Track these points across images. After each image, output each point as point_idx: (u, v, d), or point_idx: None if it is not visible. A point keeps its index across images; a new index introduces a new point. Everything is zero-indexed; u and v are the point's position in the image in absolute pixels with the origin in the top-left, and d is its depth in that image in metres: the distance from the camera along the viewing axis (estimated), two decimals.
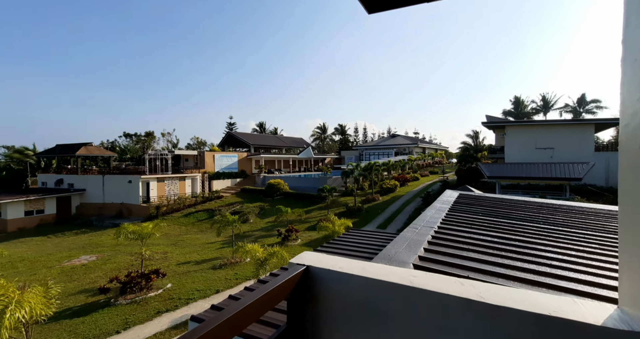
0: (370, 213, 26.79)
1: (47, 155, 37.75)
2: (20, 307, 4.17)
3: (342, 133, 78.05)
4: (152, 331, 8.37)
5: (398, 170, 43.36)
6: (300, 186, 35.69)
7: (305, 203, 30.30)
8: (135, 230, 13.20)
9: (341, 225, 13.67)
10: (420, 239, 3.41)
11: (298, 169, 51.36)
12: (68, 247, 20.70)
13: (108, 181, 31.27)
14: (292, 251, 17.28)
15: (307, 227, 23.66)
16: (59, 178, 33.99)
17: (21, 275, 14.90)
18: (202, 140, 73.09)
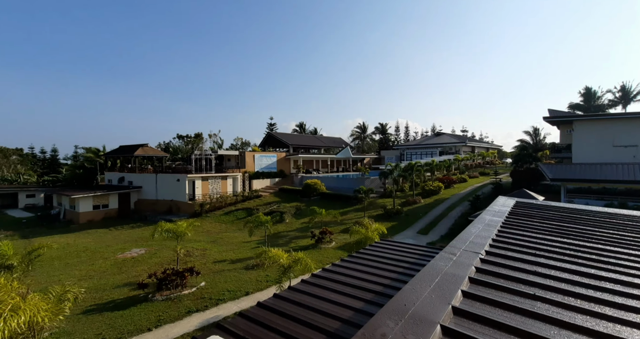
0: (410, 217, 25.18)
1: (112, 155, 42.28)
2: (17, 315, 4.21)
3: (382, 132, 75.65)
4: (180, 332, 8.48)
5: (443, 170, 40.44)
6: (337, 187, 35.09)
7: (341, 204, 29.62)
8: (170, 228, 13.80)
9: (375, 230, 12.76)
10: (457, 273, 2.57)
11: (336, 169, 50.82)
12: (124, 240, 22.72)
13: (160, 179, 33.89)
14: (325, 254, 16.78)
15: (343, 229, 22.96)
16: (121, 176, 37.80)
17: (82, 264, 16.60)
18: (245, 140, 76.41)
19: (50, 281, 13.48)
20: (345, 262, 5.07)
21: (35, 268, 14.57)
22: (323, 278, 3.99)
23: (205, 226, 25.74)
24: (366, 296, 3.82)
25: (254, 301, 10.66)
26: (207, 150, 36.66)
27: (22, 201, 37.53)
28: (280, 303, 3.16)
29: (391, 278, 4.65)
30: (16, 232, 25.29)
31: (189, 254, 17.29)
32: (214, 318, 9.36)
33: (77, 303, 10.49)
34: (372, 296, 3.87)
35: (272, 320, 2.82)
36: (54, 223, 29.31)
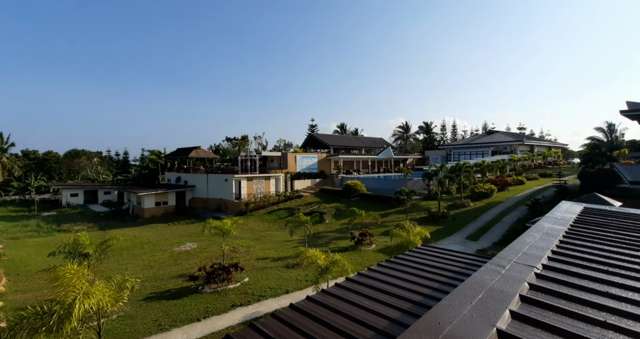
0: (457, 221, 23.59)
1: (171, 156, 46.68)
2: (88, 299, 4.82)
3: (426, 131, 72.16)
4: (225, 324, 9.00)
5: (495, 172, 37.17)
6: (378, 188, 34.32)
7: (382, 206, 28.88)
8: (217, 225, 14.72)
9: (417, 234, 12.17)
10: (506, 289, 2.30)
11: (377, 170, 49.76)
12: (179, 234, 24.91)
13: (211, 179, 36.48)
14: (365, 256, 16.49)
15: (383, 232, 22.35)
16: (178, 176, 41.52)
17: (145, 254, 18.58)
18: (287, 141, 78.74)
19: (119, 269, 15.32)
20: (382, 267, 4.90)
21: (108, 257, 16.69)
22: (358, 283, 3.90)
23: (249, 225, 27.06)
24: (404, 306, 3.64)
25: (293, 299, 10.89)
26: (252, 152, 38.51)
27: (100, 197, 43.30)
28: (312, 306, 3.15)
29: (432, 288, 4.37)
30: (95, 224, 29.26)
31: (235, 250, 18.31)
32: (256, 313, 9.76)
33: (138, 290, 11.77)
34: (410, 307, 3.68)
35: (303, 324, 2.83)
36: (124, 217, 33.30)
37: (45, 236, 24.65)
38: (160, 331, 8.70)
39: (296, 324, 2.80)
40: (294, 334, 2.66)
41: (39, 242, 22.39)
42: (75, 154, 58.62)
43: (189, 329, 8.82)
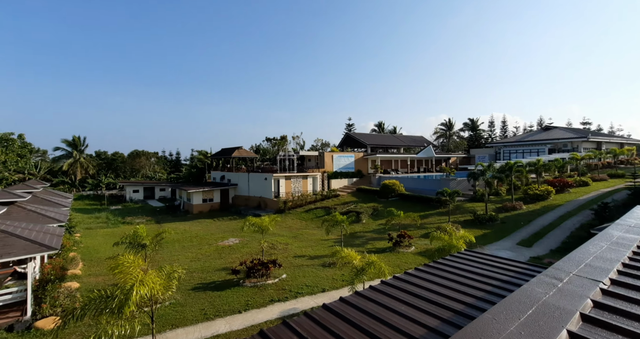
0: (507, 225, 21.73)
1: (216, 156, 49.77)
2: (142, 286, 5.32)
3: (472, 128, 67.54)
4: (263, 318, 9.36)
5: (553, 172, 33.50)
6: (418, 188, 32.97)
7: (421, 207, 27.70)
8: (256, 222, 15.33)
9: (461, 237, 11.43)
10: (563, 305, 2.05)
11: (416, 169, 47.82)
12: (223, 230, 26.46)
13: (251, 178, 38.17)
14: (403, 259, 15.96)
15: (423, 234, 21.44)
16: (222, 175, 44.13)
17: (193, 247, 20.07)
18: (324, 141, 79.26)
19: (171, 260, 16.76)
20: (420, 271, 4.69)
21: (162, 248, 18.36)
22: (393, 287, 3.78)
23: (287, 222, 27.78)
24: (442, 314, 3.44)
25: (329, 298, 10.95)
26: (290, 151, 39.43)
27: (157, 193, 47.76)
28: (345, 307, 3.12)
29: (476, 297, 4.07)
30: (152, 218, 32.36)
31: (273, 247, 18.93)
32: (293, 310, 9.99)
33: (187, 280, 12.75)
34: (449, 315, 3.47)
35: (335, 325, 2.81)
36: (176, 212, 36.34)
37: (112, 227, 27.89)
38: (206, 320, 9.34)
39: (328, 325, 2.80)
40: (326, 334, 2.67)
41: (108, 232, 25.39)
42: (136, 155, 65.43)
43: (231, 320, 9.33)
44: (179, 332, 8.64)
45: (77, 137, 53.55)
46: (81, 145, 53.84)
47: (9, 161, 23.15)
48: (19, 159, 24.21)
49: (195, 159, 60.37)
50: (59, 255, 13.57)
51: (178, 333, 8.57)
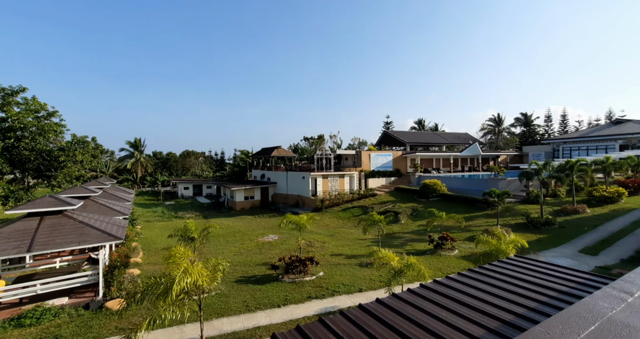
0: (568, 230, 19.55)
1: (256, 156, 51.93)
2: (187, 276, 5.78)
3: (525, 124, 61.72)
4: (301, 314, 9.61)
5: (625, 171, 29.27)
6: (462, 188, 31.09)
7: (466, 208, 26.08)
8: (293, 219, 15.69)
9: (511, 242, 10.53)
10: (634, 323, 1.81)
11: (460, 168, 45.10)
12: (263, 226, 27.58)
13: (290, 176, 39.19)
14: (446, 262, 15.20)
15: (468, 237, 20.20)
16: (262, 174, 45.95)
17: (236, 242, 21.24)
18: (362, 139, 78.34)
19: (216, 253, 17.94)
20: (463, 277, 4.44)
21: (209, 241, 19.73)
22: (433, 291, 3.64)
23: (324, 221, 28.03)
24: (489, 324, 3.24)
25: (366, 298, 10.86)
26: (327, 150, 39.67)
27: (204, 190, 51.34)
28: (382, 309, 3.09)
29: (527, 307, 3.76)
30: (200, 213, 34.90)
31: (311, 245, 19.25)
32: (330, 307, 10.10)
33: (230, 273, 13.53)
34: (497, 325, 3.26)
35: (370, 325, 2.81)
36: (221, 209, 38.74)
37: (167, 221, 30.65)
38: (248, 311, 9.86)
39: (364, 325, 2.81)
40: (361, 334, 2.68)
41: (163, 225, 27.99)
42: (187, 154, 71.04)
43: (271, 313, 9.74)
44: (224, 321, 9.25)
45: (138, 138, 59.71)
46: (141, 146, 59.93)
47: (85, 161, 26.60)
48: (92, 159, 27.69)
49: (238, 158, 63.73)
50: (124, 245, 15.29)
51: (223, 322, 9.18)
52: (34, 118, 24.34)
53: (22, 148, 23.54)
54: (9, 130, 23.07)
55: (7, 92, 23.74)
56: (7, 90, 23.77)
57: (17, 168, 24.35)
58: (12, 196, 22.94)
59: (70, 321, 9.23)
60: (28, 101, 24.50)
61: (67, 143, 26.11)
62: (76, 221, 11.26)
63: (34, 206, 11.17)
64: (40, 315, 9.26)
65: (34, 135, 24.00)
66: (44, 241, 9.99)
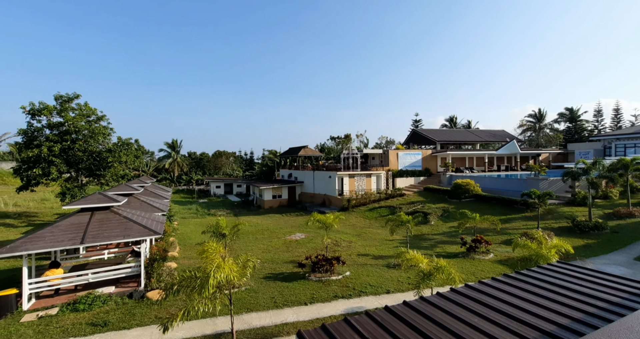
0: (621, 235, 17.77)
1: (284, 155, 52.93)
2: (219, 271, 6.04)
3: (570, 119, 56.81)
4: (328, 313, 9.66)
5: None
6: (497, 189, 29.38)
7: (502, 210, 24.61)
8: (320, 219, 15.78)
9: (553, 247, 9.77)
10: None
11: (496, 167, 42.64)
12: (290, 225, 28.06)
13: (316, 176, 39.46)
14: (479, 266, 14.47)
15: (504, 240, 19.08)
16: (290, 173, 46.72)
17: (265, 239, 21.82)
18: (389, 138, 76.84)
19: (246, 249, 18.57)
20: (498, 282, 4.21)
21: (239, 238, 20.48)
22: (465, 296, 3.49)
23: (351, 220, 27.89)
24: (527, 334, 3.06)
25: (394, 300, 10.66)
26: (354, 149, 39.39)
27: (234, 189, 53.35)
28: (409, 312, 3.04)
29: (572, 318, 3.50)
30: (231, 211, 36.32)
31: (337, 244, 19.27)
32: (357, 308, 10.06)
33: (259, 270, 13.93)
34: (536, 336, 3.06)
35: (397, 328, 2.77)
36: (250, 207, 40.02)
37: (200, 217, 32.29)
38: (276, 308, 10.12)
39: (389, 327, 2.77)
40: (386, 336, 2.65)
41: (197, 222, 29.52)
42: (218, 154, 74.22)
43: (298, 311, 9.91)
44: (253, 316, 9.57)
45: (175, 140, 63.45)
46: (178, 147, 63.63)
47: (129, 161, 28.81)
48: (135, 159, 29.90)
49: (266, 158, 65.39)
50: (162, 239, 16.36)
51: (252, 316, 9.50)
52: (86, 122, 26.80)
53: (76, 149, 26.06)
54: (66, 133, 25.64)
55: (64, 99, 26.40)
56: (64, 97, 26.42)
57: (72, 168, 26.98)
58: (69, 193, 25.49)
59: (116, 309, 10.08)
60: (81, 106, 27.03)
61: (113, 145, 28.46)
62: (121, 216, 12.25)
63: (85, 202, 12.33)
64: (92, 302, 10.21)
65: (86, 138, 26.44)
66: (94, 234, 10.98)
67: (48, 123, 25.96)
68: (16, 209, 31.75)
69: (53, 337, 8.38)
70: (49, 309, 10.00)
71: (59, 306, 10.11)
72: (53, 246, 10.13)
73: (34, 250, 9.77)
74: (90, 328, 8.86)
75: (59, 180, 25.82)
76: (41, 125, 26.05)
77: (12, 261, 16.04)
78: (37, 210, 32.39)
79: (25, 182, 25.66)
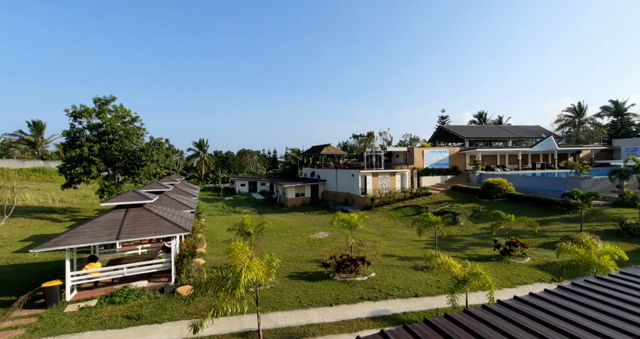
0: None
1: (307, 154, 53.08)
2: (249, 272, 6.00)
3: (616, 113, 52.05)
4: (354, 315, 9.43)
5: None
6: (534, 188, 27.56)
7: (538, 211, 23.03)
8: (344, 218, 15.50)
9: (605, 253, 8.85)
10: None
11: (531, 165, 40.05)
12: (314, 223, 28.03)
13: (339, 174, 39.15)
14: (515, 271, 13.56)
15: (542, 243, 17.81)
16: (312, 171, 46.77)
17: (288, 238, 21.94)
18: (413, 136, 74.78)
19: (270, 248, 18.74)
20: (553, 295, 3.76)
21: (264, 236, 20.71)
22: (515, 310, 3.13)
23: (374, 220, 27.36)
24: None
25: (423, 305, 10.23)
26: (377, 148, 38.64)
27: (259, 187, 54.37)
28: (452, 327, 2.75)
29: None
30: (255, 209, 37.00)
31: (361, 244, 18.92)
32: (383, 311, 9.74)
33: (283, 268, 13.95)
34: None
35: None
36: (273, 205, 40.55)
37: (226, 215, 33.17)
38: (301, 308, 10.04)
39: None
40: None
41: (223, 219, 30.34)
42: (243, 153, 76.06)
43: (323, 311, 9.76)
44: (278, 315, 9.56)
45: (202, 139, 65.78)
46: (205, 146, 65.92)
47: (160, 160, 30.17)
48: (165, 158, 31.29)
49: (289, 156, 65.96)
50: (191, 236, 16.90)
51: (278, 316, 9.49)
52: (122, 123, 28.35)
53: (113, 149, 27.67)
54: (104, 134, 27.28)
55: (102, 102, 28.09)
56: (102, 99, 28.11)
57: (109, 166, 28.71)
58: (106, 190, 27.15)
59: (149, 302, 10.49)
60: (117, 108, 28.64)
61: (146, 145, 29.91)
62: (153, 213, 12.74)
63: (120, 199, 12.95)
64: (127, 295, 10.71)
65: (122, 138, 27.99)
66: (129, 231, 11.50)
67: (88, 124, 27.78)
68: (62, 205, 34.38)
69: (92, 328, 8.85)
70: (89, 301, 10.61)
71: (97, 298, 10.70)
72: (92, 241, 10.72)
73: (75, 244, 10.39)
74: (126, 320, 9.27)
75: (98, 177, 27.59)
76: (82, 127, 27.92)
77: (57, 254, 17.31)
78: (80, 205, 34.87)
79: (69, 180, 27.67)
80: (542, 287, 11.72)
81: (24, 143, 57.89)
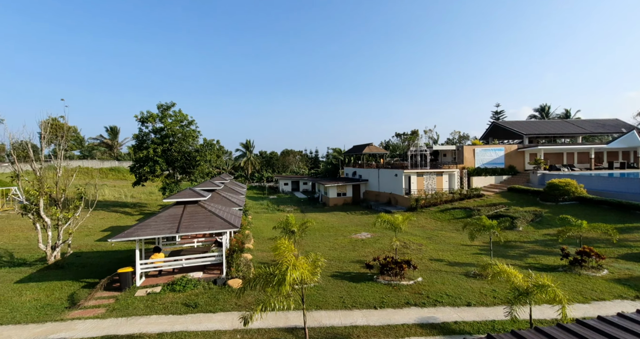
0: None
1: (348, 153, 52.87)
2: (295, 270, 6.13)
3: None
4: (400, 320, 9.10)
5: None
6: (611, 190, 23.96)
7: (618, 216, 19.97)
8: (388, 219, 15.04)
9: None
10: None
11: (606, 164, 34.84)
12: (356, 223, 27.79)
13: (382, 174, 38.27)
14: (589, 284, 11.91)
15: (623, 254, 15.43)
16: (354, 171, 46.43)
17: (331, 237, 22.05)
18: (463, 133, 69.94)
19: (313, 247, 19.02)
20: None
21: (307, 235, 21.11)
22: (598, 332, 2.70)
23: (420, 221, 26.19)
24: None
25: (477, 315, 9.51)
26: (422, 146, 36.89)
27: (301, 186, 55.68)
28: None
29: None
30: (298, 208, 37.92)
31: (406, 246, 18.25)
32: (432, 318, 9.26)
33: (326, 268, 14.04)
34: None
35: None
36: (315, 204, 41.14)
37: (271, 213, 34.54)
38: (344, 308, 10.02)
39: None
40: None
41: (268, 217, 31.65)
42: (286, 153, 78.47)
43: (368, 314, 9.61)
44: (322, 314, 9.65)
45: (249, 140, 69.40)
46: (251, 147, 69.45)
47: (212, 160, 32.56)
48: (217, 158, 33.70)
49: (331, 156, 66.33)
50: (239, 232, 17.91)
51: (322, 315, 9.59)
52: (180, 127, 31.21)
53: (173, 150, 30.58)
54: (165, 136, 30.30)
55: (164, 107, 31.21)
56: (164, 105, 31.23)
57: (170, 166, 31.80)
58: (168, 188, 30.09)
59: (204, 292, 11.37)
60: (176, 113, 31.57)
61: (200, 146, 32.52)
62: (206, 210, 13.77)
63: (179, 196, 14.23)
64: (185, 284, 11.74)
65: (180, 140, 30.80)
66: (186, 225, 12.58)
67: (153, 128, 31.11)
68: (132, 200, 39.04)
69: (157, 313, 9.87)
70: (154, 287, 11.85)
71: (161, 286, 11.90)
72: (156, 234, 11.96)
73: (143, 236, 11.68)
74: (184, 308, 10.17)
75: (161, 176, 30.79)
76: (148, 131, 31.35)
77: (129, 244, 19.66)
78: (147, 201, 39.22)
79: (138, 178, 31.29)
80: (623, 305, 10.11)
81: (103, 145, 67.28)
